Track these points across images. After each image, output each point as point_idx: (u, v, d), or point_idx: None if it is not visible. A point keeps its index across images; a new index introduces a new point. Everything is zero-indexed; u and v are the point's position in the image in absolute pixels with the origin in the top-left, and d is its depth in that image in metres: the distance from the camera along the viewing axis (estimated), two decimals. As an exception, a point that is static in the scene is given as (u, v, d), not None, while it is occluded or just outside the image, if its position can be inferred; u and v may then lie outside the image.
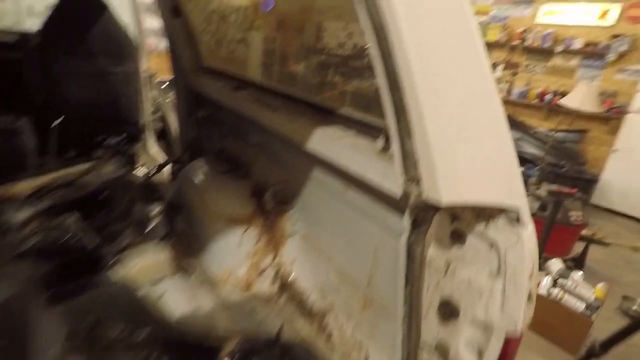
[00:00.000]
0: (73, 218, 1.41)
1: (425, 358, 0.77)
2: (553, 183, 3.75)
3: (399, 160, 0.64)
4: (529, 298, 0.63)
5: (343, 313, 1.14)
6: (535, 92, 5.63)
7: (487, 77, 0.56)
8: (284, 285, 1.30)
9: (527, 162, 4.79)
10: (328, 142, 1.01)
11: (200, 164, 1.64)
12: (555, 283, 2.61)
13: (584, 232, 3.55)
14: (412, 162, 0.61)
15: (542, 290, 2.54)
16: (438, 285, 0.74)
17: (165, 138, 3.28)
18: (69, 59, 2.47)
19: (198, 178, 1.57)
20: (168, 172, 2.29)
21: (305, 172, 1.23)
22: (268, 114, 1.29)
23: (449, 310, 0.73)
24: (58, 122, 2.41)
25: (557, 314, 2.45)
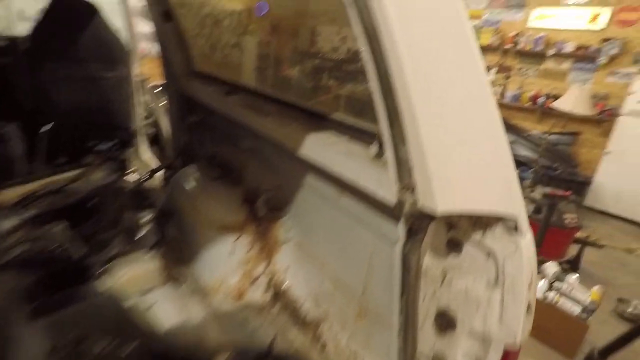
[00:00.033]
0: (60, 227, 1.37)
1: (422, 370, 0.75)
2: (547, 186, 3.76)
3: (393, 168, 0.62)
4: (528, 309, 0.61)
5: (337, 322, 1.11)
6: (528, 95, 5.67)
7: (482, 81, 0.54)
8: (277, 294, 1.27)
9: (521, 164, 4.81)
10: (320, 147, 0.99)
11: (192, 170, 1.61)
12: (551, 286, 2.60)
13: (579, 234, 3.55)
14: (406, 169, 0.59)
15: (538, 294, 2.53)
16: (434, 295, 0.72)
17: (158, 143, 3.25)
18: (59, 64, 2.44)
19: (189, 184, 1.54)
20: (160, 178, 2.25)
21: (299, 178, 1.21)
22: (260, 119, 1.27)
23: (446, 321, 0.71)
24: (47, 127, 2.37)
25: (553, 318, 2.44)
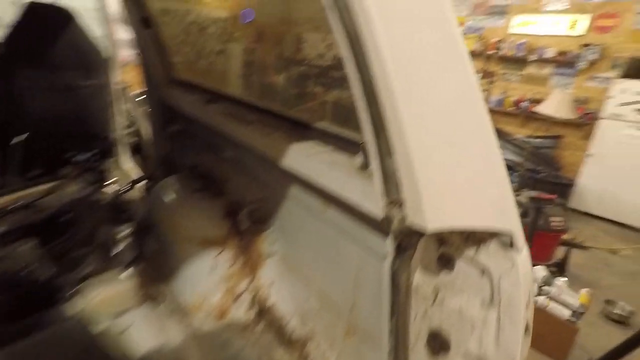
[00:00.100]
0: (28, 245, 1.28)
1: (415, 395, 0.70)
2: (533, 189, 3.79)
3: (379, 181, 0.57)
4: (526, 329, 0.57)
5: (325, 341, 1.06)
6: (512, 100, 5.75)
7: (474, 88, 0.50)
8: (262, 311, 1.21)
9: (507, 168, 4.85)
10: (303, 158, 0.94)
11: (172, 182, 1.55)
12: (540, 290, 2.60)
13: (564, 236, 3.58)
14: (393, 183, 0.54)
15: (527, 299, 2.52)
16: (426, 315, 0.68)
17: (141, 153, 3.16)
18: (34, 72, 2.35)
19: (168, 197, 1.47)
20: (141, 189, 2.17)
21: (283, 189, 1.16)
22: (241, 129, 1.22)
23: (439, 343, 0.66)
24: (21, 138, 2.27)
25: (543, 323, 2.43)
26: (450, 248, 0.62)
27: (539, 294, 2.56)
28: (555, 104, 4.65)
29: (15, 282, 1.12)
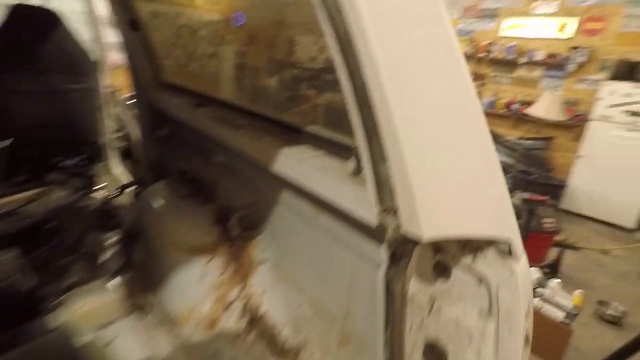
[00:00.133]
0: (10, 254, 1.24)
1: (411, 408, 0.67)
2: (525, 191, 3.81)
3: (372, 188, 0.55)
4: (526, 340, 0.55)
5: (318, 350, 1.03)
6: (503, 102, 5.80)
7: (469, 90, 0.48)
8: (253, 320, 1.18)
9: (499, 170, 4.87)
10: (294, 163, 0.92)
11: (160, 187, 1.51)
12: (534, 292, 2.59)
13: (557, 238, 3.60)
14: (387, 190, 0.52)
15: (522, 301, 2.52)
16: (422, 325, 0.65)
17: (131, 157, 3.11)
18: (20, 75, 2.29)
19: (157, 203, 1.43)
20: (130, 194, 2.12)
21: (274, 194, 1.13)
22: (231, 133, 1.19)
23: (436, 354, 0.64)
24: (6, 143, 2.21)
25: (538, 325, 2.41)
26: (446, 256, 0.60)
27: (533, 297, 2.56)
28: (546, 106, 4.69)
29: (-5, 293, 1.07)
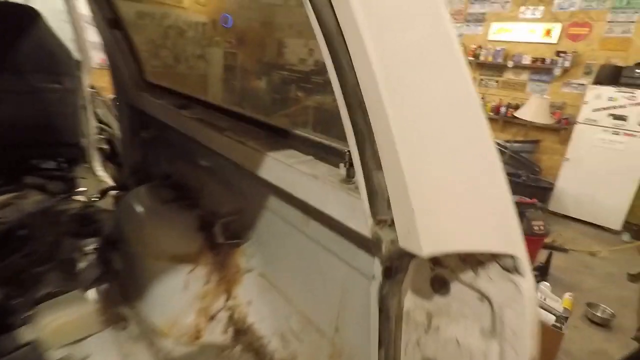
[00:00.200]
0: (-23, 265, 1.15)
1: None
2: (514, 193, 3.82)
3: (366, 198, 0.50)
4: (532, 363, 0.51)
5: (308, 364, 0.98)
6: (491, 105, 5.85)
7: (471, 92, 0.44)
8: (239, 332, 1.12)
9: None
10: (282, 168, 0.86)
11: (142, 192, 1.44)
12: (525, 296, 2.58)
13: (546, 240, 3.62)
14: (382, 200, 0.47)
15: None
16: (418, 344, 0.61)
17: (114, 160, 3.01)
18: (-5, 74, 2.19)
19: (138, 208, 1.36)
20: (112, 199, 2.04)
21: (261, 200, 1.07)
22: (215, 135, 1.13)
23: (434, 375, 0.60)
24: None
25: (528, 329, 2.41)
26: (445, 271, 0.55)
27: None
28: (534, 109, 4.74)
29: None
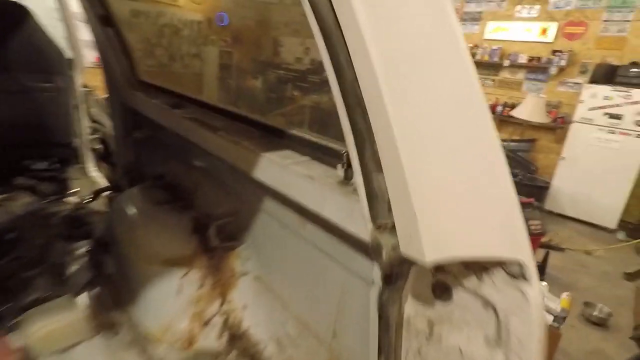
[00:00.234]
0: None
1: None
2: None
3: (365, 201, 0.48)
4: (538, 372, 0.49)
5: (305, 370, 0.95)
6: (487, 104, 5.85)
7: (476, 89, 0.42)
8: (234, 337, 1.09)
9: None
10: (277, 169, 0.84)
11: (135, 193, 1.41)
12: (522, 296, 2.58)
13: (543, 239, 3.61)
14: (382, 204, 0.45)
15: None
16: (420, 353, 0.58)
17: (108, 160, 2.97)
18: (-16, 72, 2.15)
19: (131, 210, 1.33)
20: (104, 200, 2.00)
21: (256, 201, 1.05)
22: (209, 135, 1.10)
23: (436, 385, 0.57)
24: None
25: (526, 329, 2.40)
26: (448, 277, 0.53)
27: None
28: (530, 109, 4.75)
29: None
